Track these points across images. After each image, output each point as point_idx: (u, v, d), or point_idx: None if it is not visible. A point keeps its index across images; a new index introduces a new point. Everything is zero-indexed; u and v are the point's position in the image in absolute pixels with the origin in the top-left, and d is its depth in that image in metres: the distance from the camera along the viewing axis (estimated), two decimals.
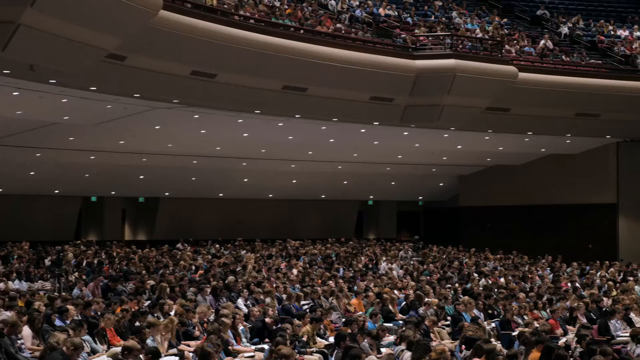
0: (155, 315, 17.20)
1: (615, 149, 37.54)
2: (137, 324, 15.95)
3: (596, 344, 14.96)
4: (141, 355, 12.56)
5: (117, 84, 23.03)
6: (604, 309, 20.66)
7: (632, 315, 19.87)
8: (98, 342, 15.02)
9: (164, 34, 21.90)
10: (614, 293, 24.50)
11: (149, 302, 19.57)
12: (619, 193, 37.66)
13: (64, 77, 21.27)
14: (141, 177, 35.82)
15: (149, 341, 14.37)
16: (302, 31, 26.82)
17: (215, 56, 23.71)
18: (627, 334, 17.48)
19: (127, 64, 22.00)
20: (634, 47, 35.44)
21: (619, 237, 37.69)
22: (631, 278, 27.99)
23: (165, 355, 14.38)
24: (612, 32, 37.25)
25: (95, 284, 21.84)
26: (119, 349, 13.52)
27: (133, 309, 17.36)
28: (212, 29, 23.24)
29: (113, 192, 38.54)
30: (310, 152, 35.17)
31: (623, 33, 37.33)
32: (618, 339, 18.19)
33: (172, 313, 17.46)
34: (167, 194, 38.92)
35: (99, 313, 17.12)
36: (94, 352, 14.56)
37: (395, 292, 23.11)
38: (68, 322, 15.41)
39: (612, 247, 37.40)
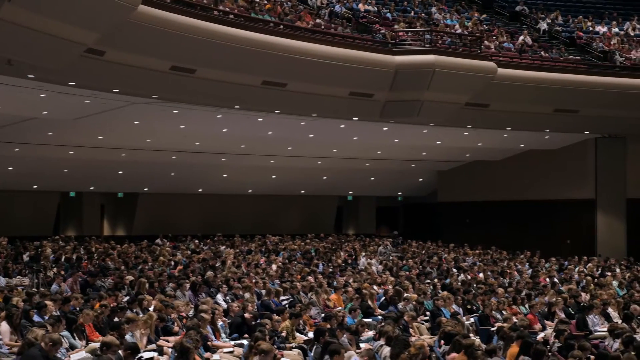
0: (134, 310, 17.17)
1: (593, 144, 37.67)
2: (116, 319, 15.93)
3: (574, 338, 15.04)
4: (120, 351, 12.53)
5: (96, 79, 22.92)
6: (582, 304, 20.75)
7: (609, 310, 19.98)
8: (77, 338, 14.96)
9: (143, 29, 21.81)
10: (592, 288, 24.62)
11: (127, 297, 19.54)
12: (597, 189, 37.80)
13: (43, 72, 21.17)
14: (120, 172, 35.71)
15: (127, 337, 14.35)
16: (281, 26, 26.79)
17: (194, 51, 23.64)
18: (605, 329, 17.58)
19: (106, 59, 21.89)
20: (612, 43, 35.58)
21: (597, 232, 37.85)
22: (609, 273, 28.14)
23: (144, 351, 14.35)
24: (590, 28, 37.39)
25: (73, 279, 21.75)
26: (97, 345, 13.47)
27: (111, 305, 17.33)
28: (191, 24, 23.16)
29: (92, 188, 38.41)
30: (289, 148, 35.15)
31: (601, 29, 37.47)
32: (596, 334, 18.26)
33: (151, 309, 17.43)
34: (146, 189, 38.83)
35: (77, 309, 17.04)
36: (72, 347, 14.50)
37: (375, 287, 23.14)
38: (46, 317, 15.34)
39: (590, 242, 37.56)
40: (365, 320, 18.47)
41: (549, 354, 14.08)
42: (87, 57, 21.31)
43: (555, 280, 26.24)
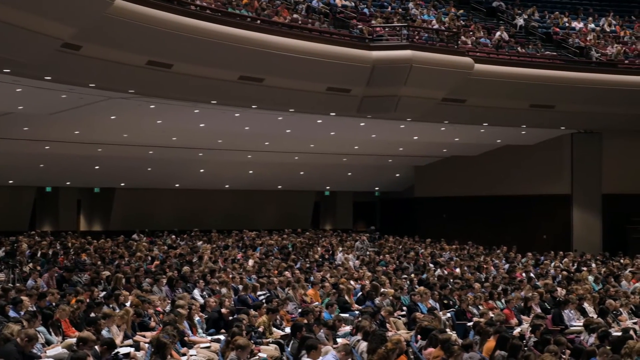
0: (111, 306, 17.12)
1: (569, 140, 37.82)
2: (93, 315, 15.87)
3: (550, 333, 15.11)
4: (96, 347, 12.50)
5: (72, 74, 22.83)
6: (558, 299, 20.83)
7: (585, 305, 20.06)
8: (53, 334, 14.91)
9: (120, 24, 21.74)
10: (568, 285, 24.72)
11: (104, 293, 19.48)
12: (573, 184, 37.96)
13: (19, 67, 21.07)
14: (97, 167, 35.60)
15: (104, 332, 14.31)
16: (258, 21, 26.76)
17: (171, 46, 23.59)
18: (581, 324, 17.67)
19: (83, 54, 21.81)
20: (588, 39, 35.72)
21: (573, 228, 38.02)
22: (585, 268, 28.25)
23: (121, 346, 14.32)
24: (567, 24, 37.53)
25: (49, 274, 21.66)
26: (74, 340, 13.43)
27: (87, 300, 17.28)
28: (169, 18, 23.11)
29: (68, 183, 38.30)
30: (266, 143, 35.13)
31: (578, 25, 37.62)
32: (572, 328, 18.36)
33: (128, 304, 17.39)
34: (122, 184, 38.74)
35: (53, 304, 16.98)
36: (48, 343, 14.45)
37: (352, 282, 23.16)
38: (22, 313, 15.27)
39: (566, 237, 37.73)
40: (342, 315, 18.48)
41: (525, 348, 14.13)
42: (63, 52, 21.24)
43: (532, 275, 26.33)
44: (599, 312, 19.21)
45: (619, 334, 15.70)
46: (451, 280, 24.16)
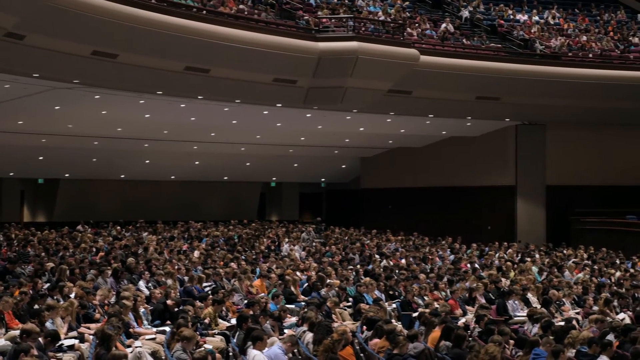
0: (55, 297, 16.98)
1: (514, 132, 38.10)
2: (36, 306, 15.74)
3: (494, 323, 15.23)
4: (40, 339, 12.41)
5: (15, 64, 22.61)
6: (502, 290, 21.00)
7: (529, 295, 20.24)
8: None
9: (64, 13, 21.56)
10: (512, 274, 24.94)
11: (48, 284, 19.31)
12: (518, 176, 38.25)
13: None
14: (40, 158, 35.29)
15: (48, 324, 14.20)
16: (204, 12, 26.65)
17: (116, 36, 23.43)
18: (524, 314, 17.83)
19: (26, 43, 21.60)
20: (532, 31, 36.05)
21: (517, 219, 38.31)
22: (529, 259, 28.50)
23: (65, 338, 14.20)
24: (511, 17, 37.83)
25: None
26: (17, 332, 13.33)
27: (31, 292, 17.13)
28: (113, 8, 22.93)
29: (11, 174, 37.92)
30: (212, 134, 35.03)
31: (522, 17, 37.95)
32: (516, 318, 18.49)
33: (72, 295, 17.26)
34: (67, 175, 38.43)
35: None
36: None
37: (298, 273, 23.17)
38: None
39: (511, 228, 38.02)
40: (288, 306, 18.47)
41: (470, 338, 14.24)
42: (6, 41, 21.02)
43: (476, 266, 26.52)
44: (542, 303, 19.40)
45: (562, 323, 15.89)
46: (397, 271, 24.25)
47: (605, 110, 34.42)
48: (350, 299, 19.87)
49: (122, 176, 39.54)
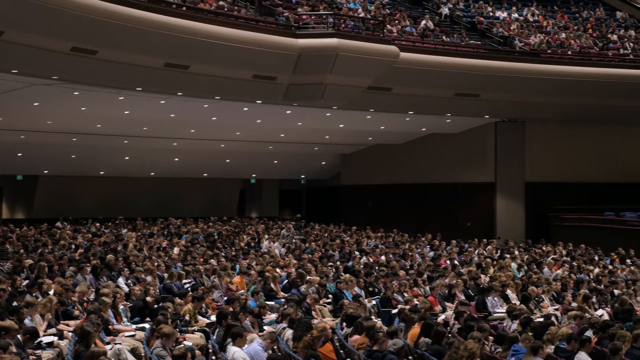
0: (34, 294, 16.93)
1: (493, 128, 38.24)
2: (15, 303, 15.68)
3: (474, 320, 15.27)
4: (19, 336, 12.36)
5: None
6: (481, 286, 21.05)
7: (508, 292, 20.30)
8: None
9: (43, 9, 21.45)
10: (491, 270, 25.01)
11: (27, 281, 19.25)
12: (497, 172, 38.39)
13: None
14: (19, 154, 35.15)
15: (27, 321, 14.15)
16: (184, 8, 26.59)
17: (95, 32, 23.32)
18: (504, 310, 17.89)
19: (5, 39, 21.50)
20: (511, 28, 36.13)
21: (496, 215, 38.45)
22: (508, 255, 28.57)
23: (44, 335, 14.16)
24: (491, 14, 37.91)
25: None
26: None
27: (10, 289, 17.06)
28: (93, 4, 22.85)
29: None
30: (192, 131, 34.97)
31: (501, 14, 38.03)
32: (495, 315, 18.55)
33: (51, 292, 17.20)
34: (46, 171, 38.29)
35: None
36: None
37: (277, 270, 23.16)
38: None
39: (490, 225, 38.15)
40: (267, 303, 18.48)
41: (449, 335, 14.28)
42: None
43: (456, 262, 26.56)
44: (521, 299, 19.44)
45: (541, 320, 15.95)
46: (376, 267, 24.26)
47: (584, 107, 34.56)
48: (330, 296, 19.89)
49: (102, 172, 39.43)
